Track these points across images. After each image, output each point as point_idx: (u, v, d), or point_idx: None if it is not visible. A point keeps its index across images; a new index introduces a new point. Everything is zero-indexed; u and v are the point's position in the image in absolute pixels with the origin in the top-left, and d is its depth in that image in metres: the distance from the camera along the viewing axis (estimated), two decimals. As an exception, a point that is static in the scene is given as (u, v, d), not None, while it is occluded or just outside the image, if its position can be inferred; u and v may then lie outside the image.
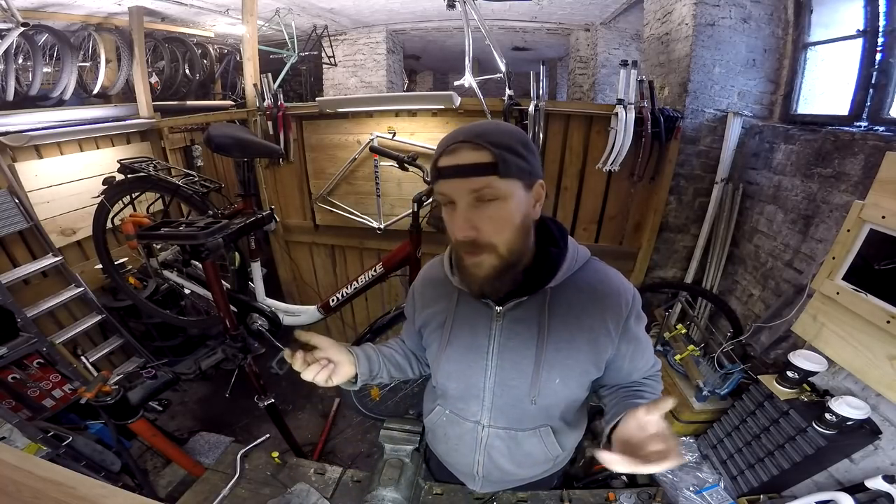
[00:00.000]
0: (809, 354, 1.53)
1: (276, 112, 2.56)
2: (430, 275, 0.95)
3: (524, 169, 0.70)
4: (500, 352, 0.82)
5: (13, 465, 0.54)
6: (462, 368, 0.86)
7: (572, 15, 4.38)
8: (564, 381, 0.82)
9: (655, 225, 2.39)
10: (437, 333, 0.89)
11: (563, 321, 0.80)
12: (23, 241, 2.33)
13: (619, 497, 1.25)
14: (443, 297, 0.89)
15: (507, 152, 0.67)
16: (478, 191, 0.67)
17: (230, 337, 1.93)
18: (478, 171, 0.67)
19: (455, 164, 0.68)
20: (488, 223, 0.69)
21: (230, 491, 1.14)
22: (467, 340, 0.85)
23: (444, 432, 0.98)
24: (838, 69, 1.98)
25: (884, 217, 1.33)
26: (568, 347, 0.80)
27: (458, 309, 0.86)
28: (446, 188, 0.70)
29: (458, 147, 0.68)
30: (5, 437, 1.65)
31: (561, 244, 0.81)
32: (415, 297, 0.97)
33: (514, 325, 0.81)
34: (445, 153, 0.70)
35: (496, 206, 0.69)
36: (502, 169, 0.67)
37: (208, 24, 4.16)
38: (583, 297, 0.80)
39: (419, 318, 0.94)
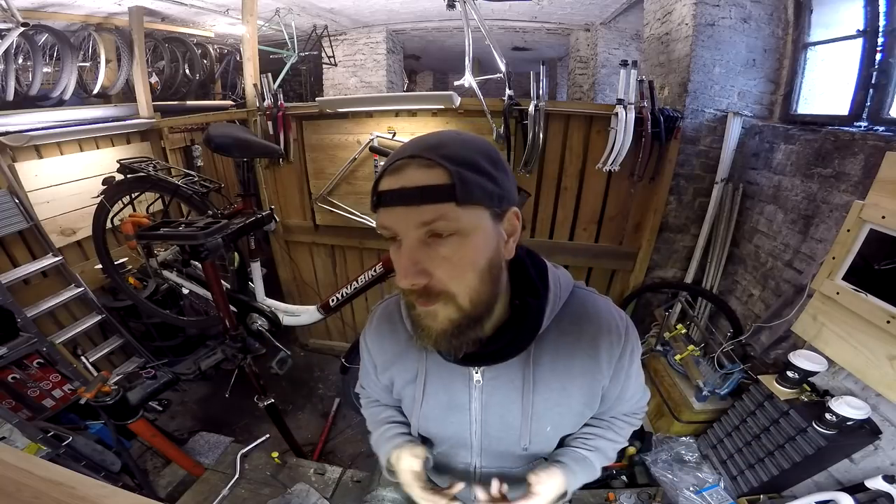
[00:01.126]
0: (809, 354, 1.53)
1: (276, 112, 2.56)
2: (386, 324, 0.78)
3: (491, 193, 0.54)
4: (483, 409, 0.72)
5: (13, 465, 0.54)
6: (443, 426, 0.77)
7: (572, 15, 4.38)
8: (557, 429, 0.75)
9: (655, 225, 2.39)
10: (410, 389, 0.77)
11: (551, 370, 0.69)
12: (23, 241, 2.33)
13: (619, 497, 1.25)
14: (407, 349, 0.75)
15: (469, 170, 0.51)
16: (429, 224, 0.51)
17: (230, 337, 1.93)
18: (428, 195, 0.50)
19: (399, 186, 0.52)
20: (444, 266, 0.54)
21: (230, 491, 1.14)
22: (444, 400, 0.74)
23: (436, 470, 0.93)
24: (838, 69, 1.98)
25: (884, 217, 1.33)
26: (558, 396, 0.70)
27: (429, 367, 0.73)
28: (387, 219, 0.54)
29: (405, 164, 0.52)
30: (5, 437, 1.65)
31: (541, 290, 0.66)
32: (371, 354, 0.81)
33: (495, 382, 0.71)
34: (388, 172, 0.53)
35: (454, 244, 0.53)
36: (461, 193, 0.50)
37: (208, 24, 4.16)
38: (571, 339, 0.68)
39: (383, 375, 0.81)
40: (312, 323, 2.31)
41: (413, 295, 0.57)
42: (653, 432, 1.95)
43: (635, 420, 0.86)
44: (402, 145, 0.57)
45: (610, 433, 0.81)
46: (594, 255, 2.60)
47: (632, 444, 1.80)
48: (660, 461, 1.80)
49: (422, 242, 0.53)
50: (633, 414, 0.86)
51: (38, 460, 0.58)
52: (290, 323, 2.27)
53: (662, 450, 1.86)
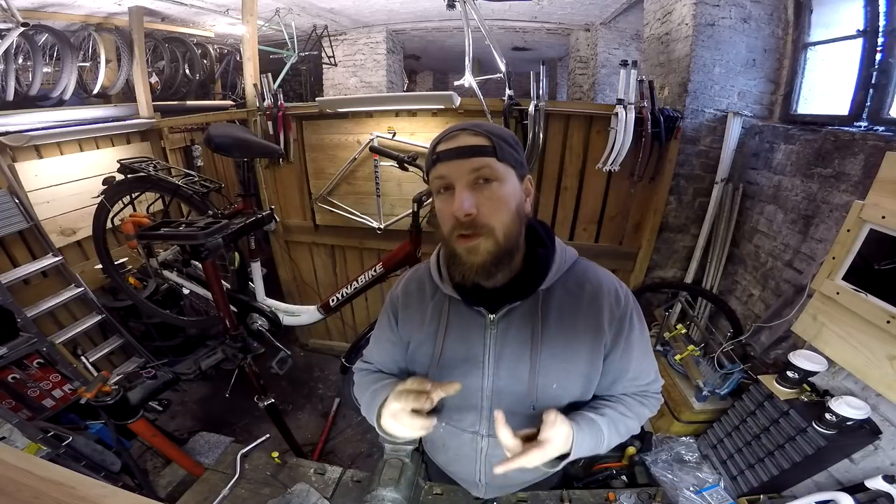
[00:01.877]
0: (809, 354, 1.53)
1: (276, 112, 2.56)
2: (413, 286, 0.89)
3: (517, 159, 0.73)
4: (496, 360, 0.80)
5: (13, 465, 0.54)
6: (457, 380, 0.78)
7: (572, 15, 4.38)
8: (563, 386, 0.80)
9: (655, 225, 2.39)
10: (428, 345, 0.84)
11: (557, 326, 0.78)
12: (23, 241, 2.33)
13: (619, 497, 1.25)
14: (431, 305, 0.85)
15: (502, 141, 0.71)
16: (478, 170, 0.69)
17: (230, 337, 1.93)
18: (478, 151, 0.69)
19: (455, 146, 0.70)
20: (487, 203, 0.69)
21: (230, 491, 1.14)
22: (461, 350, 0.81)
23: (442, 443, 0.96)
24: (838, 69, 1.98)
25: (884, 217, 1.32)
26: (563, 352, 0.78)
27: (451, 318, 0.82)
28: (445, 170, 0.70)
29: (457, 133, 0.71)
30: (5, 437, 1.65)
31: (548, 244, 0.80)
32: (397, 309, 0.90)
33: (507, 333, 0.79)
34: (444, 140, 0.72)
35: (495, 187, 0.70)
36: (499, 152, 0.69)
37: (208, 24, 4.16)
38: (574, 298, 0.79)
39: (405, 330, 0.89)
40: (312, 323, 2.32)
41: (459, 229, 0.70)
42: (653, 432, 1.95)
43: (647, 402, 0.88)
44: (448, 126, 0.74)
45: (620, 406, 0.83)
46: (594, 255, 2.55)
47: (632, 444, 1.80)
48: (660, 461, 1.80)
49: (471, 186, 0.69)
50: (644, 395, 0.88)
51: (38, 460, 0.58)
52: (290, 323, 2.28)
53: (662, 450, 1.86)
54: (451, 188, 0.70)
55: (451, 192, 0.70)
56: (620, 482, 1.73)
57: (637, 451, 1.81)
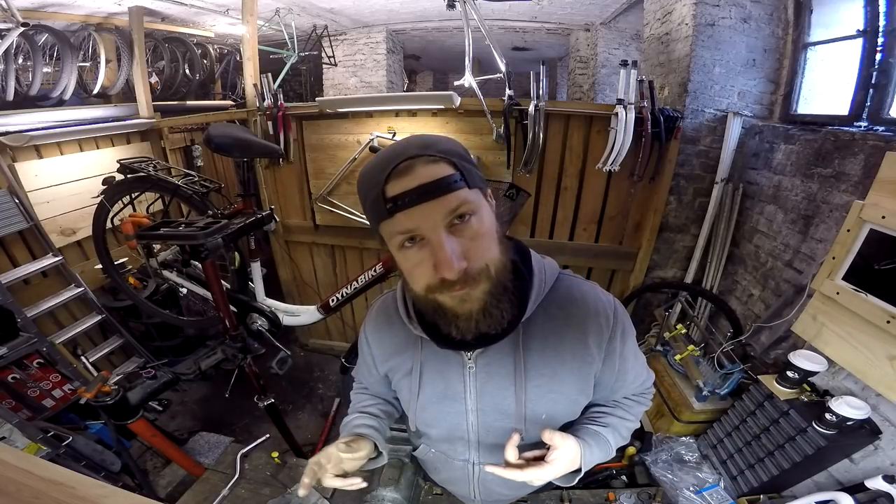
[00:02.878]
0: (809, 354, 1.53)
1: (276, 112, 2.56)
2: (385, 319, 0.81)
3: (478, 176, 0.61)
4: (478, 397, 0.74)
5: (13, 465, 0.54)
6: (440, 416, 0.78)
7: (572, 15, 4.38)
8: (551, 415, 0.75)
9: (655, 225, 2.39)
10: (406, 380, 0.79)
11: (540, 355, 0.71)
12: (23, 241, 2.33)
13: (619, 497, 1.25)
14: (404, 343, 0.78)
15: (462, 161, 0.58)
16: (455, 210, 0.55)
17: (230, 337, 1.93)
18: (447, 186, 0.55)
19: (416, 185, 0.54)
20: (474, 245, 0.57)
21: (230, 491, 1.14)
22: (440, 388, 0.76)
23: (434, 467, 0.94)
24: (838, 69, 1.98)
25: (884, 217, 1.32)
26: (550, 382, 0.72)
27: (424, 357, 0.76)
28: (410, 222, 0.55)
29: (410, 164, 0.55)
30: (5, 437, 1.65)
31: (525, 273, 0.69)
32: (369, 344, 0.84)
33: (488, 369, 0.72)
34: (393, 176, 0.55)
35: (475, 224, 0.57)
36: (469, 178, 0.57)
37: (208, 24, 4.16)
38: (558, 323, 0.71)
39: (381, 367, 0.84)
40: (312, 323, 2.31)
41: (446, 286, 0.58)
42: (653, 432, 1.95)
43: (644, 400, 0.87)
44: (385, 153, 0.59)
45: (619, 411, 0.82)
46: (594, 255, 2.60)
47: (632, 444, 1.80)
48: (660, 461, 1.80)
49: (449, 231, 0.56)
50: (640, 395, 0.86)
51: (38, 460, 0.58)
52: (290, 323, 2.28)
53: (662, 450, 1.86)
54: (420, 238, 0.57)
55: (419, 243, 0.57)
56: (620, 482, 1.73)
57: (637, 451, 1.81)
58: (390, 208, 0.55)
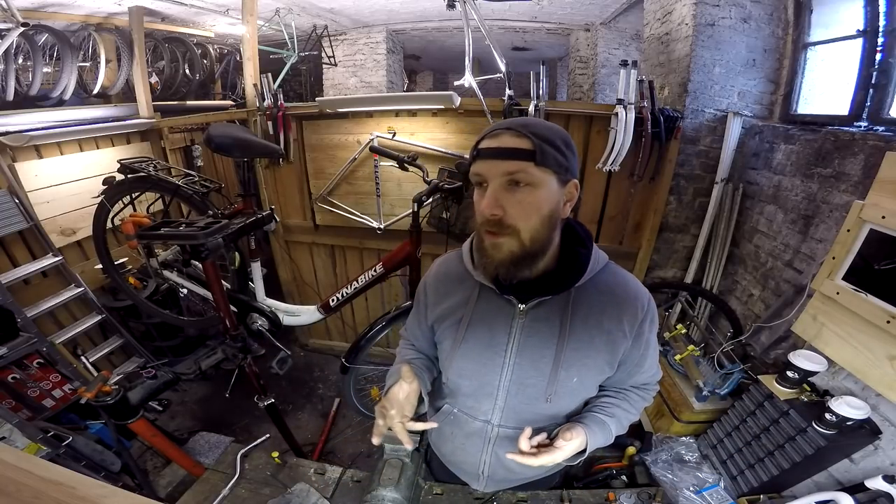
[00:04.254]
0: (809, 354, 1.53)
1: (276, 112, 2.55)
2: (445, 269, 0.93)
3: (561, 164, 0.72)
4: (519, 350, 0.82)
5: (13, 465, 0.54)
6: (477, 366, 0.85)
7: (572, 15, 4.38)
8: (581, 380, 0.84)
9: (655, 225, 2.39)
10: (453, 329, 0.87)
11: (583, 322, 0.80)
12: (23, 241, 2.33)
13: (619, 497, 1.25)
14: (460, 291, 0.87)
15: (547, 144, 0.69)
16: (512, 174, 0.69)
17: (230, 337, 1.93)
18: (515, 155, 0.69)
19: (495, 146, 0.70)
20: (516, 206, 0.70)
21: (230, 491, 1.14)
22: (485, 337, 0.83)
23: (450, 431, 0.97)
24: (838, 69, 1.98)
25: (884, 217, 1.32)
26: (587, 347, 0.81)
27: (478, 305, 0.85)
28: (482, 168, 0.72)
29: (501, 132, 0.71)
30: (5, 437, 1.65)
31: (588, 246, 0.82)
32: (427, 292, 0.94)
33: (535, 324, 0.81)
34: (488, 137, 0.72)
35: (527, 192, 0.70)
36: (539, 158, 0.68)
37: (208, 24, 4.16)
38: (603, 298, 0.82)
39: (432, 314, 0.92)
40: (312, 323, 2.31)
41: (487, 225, 0.72)
42: (653, 432, 1.95)
43: (647, 395, 0.95)
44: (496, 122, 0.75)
45: (625, 403, 0.90)
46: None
47: (632, 444, 1.80)
48: (660, 461, 1.80)
49: (503, 187, 0.70)
50: (646, 388, 0.94)
51: (38, 460, 0.58)
52: (290, 323, 2.28)
53: (662, 450, 1.86)
54: (485, 185, 0.72)
55: (485, 188, 0.72)
56: (620, 482, 1.73)
57: (637, 451, 1.81)
58: (475, 155, 0.74)
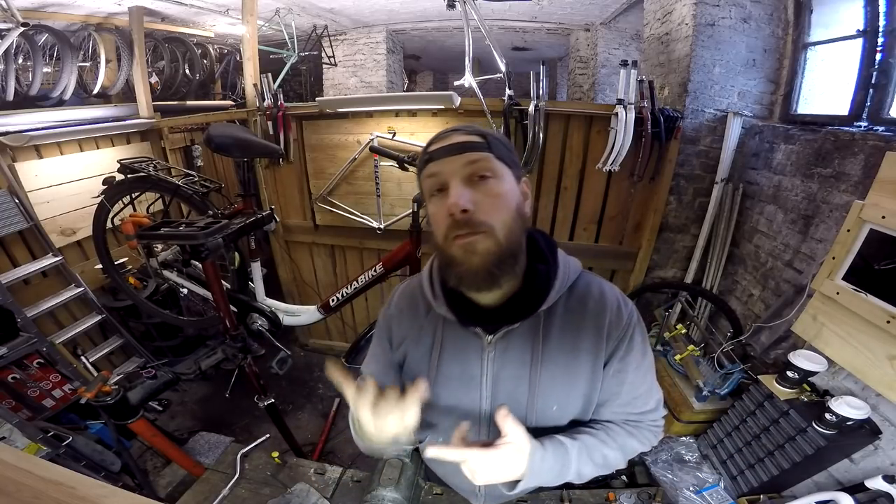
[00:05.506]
0: (809, 354, 1.53)
1: (276, 112, 2.55)
2: (405, 303, 0.85)
3: (513, 159, 0.71)
4: (493, 382, 0.76)
5: (13, 465, 0.54)
6: (454, 402, 0.79)
7: (572, 15, 4.38)
8: (562, 408, 0.77)
9: (655, 225, 2.39)
10: (423, 364, 0.80)
11: (558, 347, 0.73)
12: (23, 241, 2.33)
13: (619, 497, 1.25)
14: (424, 325, 0.81)
15: (496, 140, 0.69)
16: (473, 163, 0.65)
17: (230, 337, 1.93)
18: (471, 147, 0.66)
19: (448, 143, 0.67)
20: (485, 200, 0.65)
21: (230, 491, 1.14)
22: (457, 372, 0.77)
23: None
24: (838, 69, 1.98)
25: (884, 217, 1.33)
26: (564, 374, 0.74)
27: (445, 338, 0.78)
28: (437, 168, 0.67)
29: (450, 133, 0.69)
30: (5, 437, 1.65)
31: (550, 260, 0.74)
32: (390, 326, 0.86)
33: (506, 354, 0.75)
34: (436, 140, 0.70)
35: (492, 183, 0.66)
36: (495, 150, 0.67)
37: (208, 24, 4.16)
38: (577, 317, 0.74)
39: (398, 352, 0.85)
40: (312, 323, 2.32)
41: (455, 228, 0.64)
42: (653, 432, 1.96)
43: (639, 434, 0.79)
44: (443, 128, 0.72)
45: (601, 434, 0.76)
46: (594, 255, 2.60)
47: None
48: (660, 461, 1.80)
49: (466, 182, 0.65)
50: (636, 424, 0.80)
51: (38, 460, 0.58)
52: (290, 323, 2.28)
53: (662, 450, 1.86)
54: (444, 189, 0.67)
55: (445, 193, 0.66)
56: (620, 482, 1.73)
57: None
58: (426, 159, 0.69)
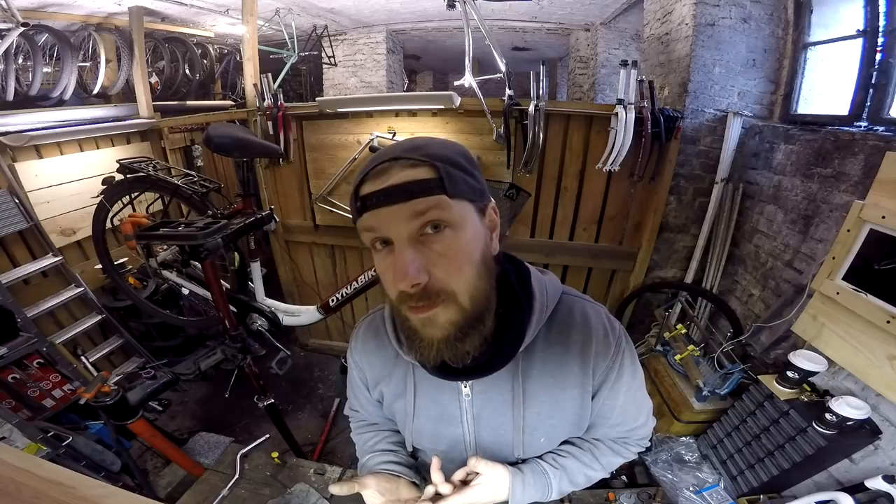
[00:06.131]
0: (809, 354, 1.53)
1: (276, 112, 2.56)
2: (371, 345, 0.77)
3: (474, 187, 0.54)
4: (475, 421, 0.71)
5: (13, 465, 0.54)
6: (437, 440, 0.75)
7: (572, 15, 4.38)
8: (550, 439, 0.73)
9: (655, 225, 2.39)
10: (400, 403, 0.75)
11: (540, 383, 0.67)
12: (23, 241, 2.33)
13: (619, 497, 1.25)
14: (393, 367, 0.74)
15: (452, 167, 0.52)
16: (422, 214, 0.50)
17: (230, 337, 1.93)
18: (418, 190, 0.49)
19: (387, 185, 0.50)
20: (441, 262, 0.51)
21: (230, 491, 1.14)
22: (435, 412, 0.72)
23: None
24: (838, 69, 1.98)
25: (884, 217, 1.33)
26: (550, 409, 0.68)
27: (418, 385, 0.72)
28: (374, 220, 0.51)
29: (388, 166, 0.51)
30: (5, 437, 1.65)
31: (522, 300, 0.63)
32: (360, 367, 0.80)
33: (485, 395, 0.69)
34: (369, 177, 0.52)
35: (448, 238, 0.51)
36: (450, 186, 0.50)
37: (208, 24, 4.16)
38: (560, 349, 0.66)
39: (374, 391, 0.79)
40: (312, 323, 2.31)
41: (409, 301, 0.53)
42: (653, 432, 1.96)
43: (625, 451, 0.79)
44: (376, 153, 0.55)
45: (587, 456, 0.75)
46: (594, 254, 2.60)
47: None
48: (660, 461, 1.80)
49: (415, 241, 0.51)
50: (624, 441, 0.79)
51: (38, 460, 0.58)
52: (289, 323, 2.27)
53: (662, 450, 1.86)
54: (389, 242, 0.52)
55: (390, 247, 0.53)
56: (620, 482, 1.73)
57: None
58: (359, 207, 0.52)
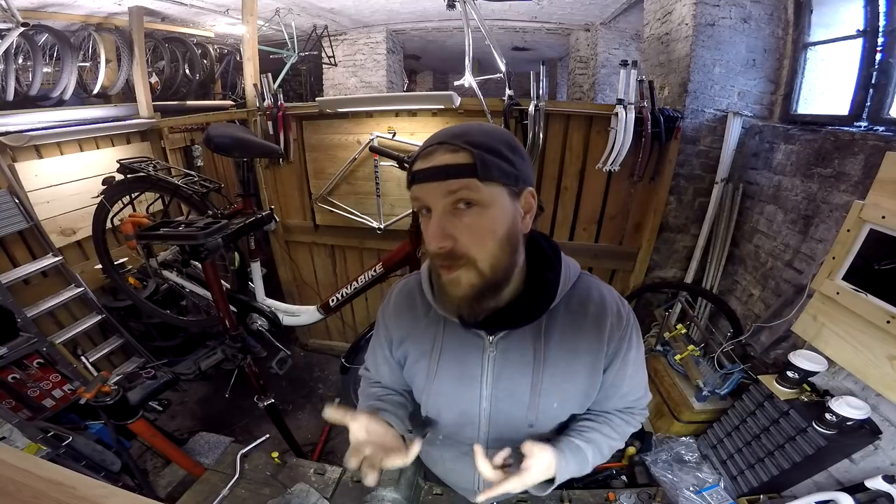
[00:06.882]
0: (809, 354, 1.53)
1: (276, 112, 2.55)
2: (403, 304, 0.85)
3: (509, 173, 0.63)
4: (494, 381, 0.77)
5: (13, 465, 0.54)
6: (454, 400, 0.81)
7: (572, 15, 4.38)
8: (562, 405, 0.79)
9: (655, 225, 2.39)
10: (423, 364, 0.81)
11: (559, 347, 0.75)
12: (23, 241, 2.33)
13: (619, 497, 1.25)
14: (424, 324, 0.81)
15: (488, 153, 0.61)
16: (454, 192, 0.61)
17: (230, 337, 1.93)
18: (454, 172, 0.61)
19: (430, 165, 0.62)
20: (466, 232, 0.62)
21: (230, 491, 1.14)
22: (457, 371, 0.78)
23: (439, 454, 0.94)
24: (838, 69, 1.98)
25: (884, 217, 1.33)
26: (564, 373, 0.75)
27: (446, 339, 0.79)
28: (420, 192, 0.64)
29: (435, 149, 0.63)
30: (5, 437, 1.65)
31: (557, 267, 0.74)
32: (388, 326, 0.87)
33: (507, 354, 0.76)
34: (421, 157, 0.65)
35: (475, 213, 0.62)
36: (481, 171, 0.60)
37: (208, 24, 4.16)
38: (577, 318, 0.75)
39: (398, 351, 0.86)
40: (312, 323, 2.31)
41: (439, 259, 0.65)
42: (653, 432, 1.95)
43: (633, 420, 0.86)
44: (432, 135, 0.66)
45: (606, 428, 0.82)
46: (594, 254, 2.60)
47: (632, 444, 1.80)
48: (660, 461, 1.80)
49: (448, 212, 0.62)
50: (630, 411, 0.86)
51: (38, 460, 0.58)
52: (290, 323, 2.28)
53: (662, 450, 1.86)
54: (430, 210, 0.64)
55: (430, 213, 0.65)
56: (620, 482, 1.73)
57: (637, 451, 1.81)
58: (410, 180, 0.66)
